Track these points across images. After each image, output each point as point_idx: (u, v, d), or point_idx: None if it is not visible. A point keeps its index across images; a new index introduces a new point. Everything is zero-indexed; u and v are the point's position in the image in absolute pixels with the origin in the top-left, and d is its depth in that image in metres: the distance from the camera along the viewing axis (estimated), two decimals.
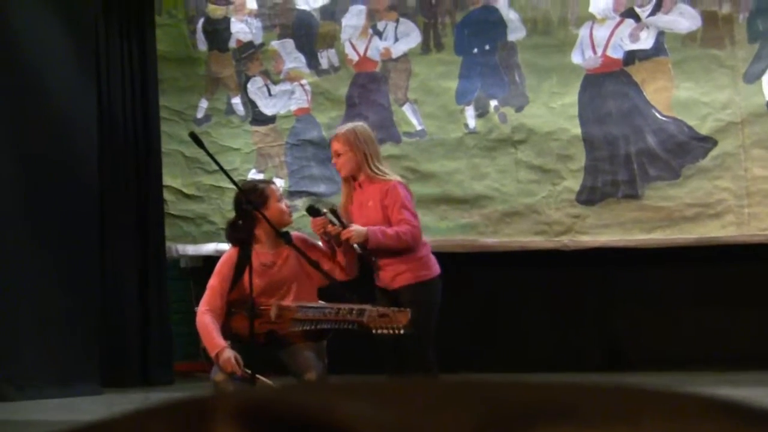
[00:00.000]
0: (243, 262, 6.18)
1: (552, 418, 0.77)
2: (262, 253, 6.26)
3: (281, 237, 6.21)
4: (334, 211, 6.32)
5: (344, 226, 6.21)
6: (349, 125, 6.56)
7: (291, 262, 6.30)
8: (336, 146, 6.40)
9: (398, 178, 6.48)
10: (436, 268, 6.38)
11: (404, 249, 6.23)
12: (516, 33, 9.54)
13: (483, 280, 9.80)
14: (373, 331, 5.99)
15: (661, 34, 9.18)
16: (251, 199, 6.18)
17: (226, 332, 6.16)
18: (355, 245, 6.27)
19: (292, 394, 0.86)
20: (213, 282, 6.30)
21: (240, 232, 6.31)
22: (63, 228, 8.99)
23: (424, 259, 6.34)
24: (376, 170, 6.31)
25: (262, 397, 0.85)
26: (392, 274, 6.28)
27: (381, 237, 6.16)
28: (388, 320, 5.93)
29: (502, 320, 9.79)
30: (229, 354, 5.98)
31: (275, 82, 10.17)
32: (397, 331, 5.95)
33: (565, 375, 9.19)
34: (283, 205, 6.38)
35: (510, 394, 0.82)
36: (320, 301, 6.31)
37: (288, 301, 6.21)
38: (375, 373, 9.39)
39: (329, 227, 6.25)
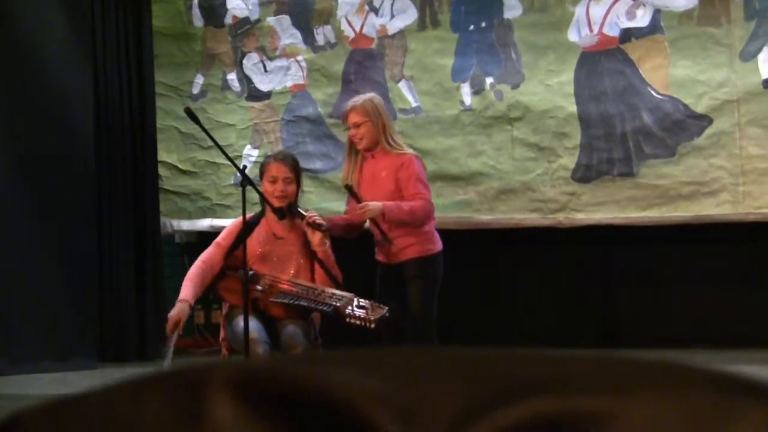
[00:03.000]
0: (252, 228, 6.21)
1: (543, 389, 0.78)
2: (274, 224, 6.27)
3: (275, 212, 6.20)
4: (349, 188, 6.30)
5: (359, 201, 6.22)
6: (365, 96, 6.53)
7: (300, 243, 6.30)
8: (354, 117, 6.33)
9: (412, 152, 6.49)
10: (439, 244, 6.41)
11: (416, 223, 6.26)
12: (512, 10, 9.52)
13: (478, 257, 9.80)
14: (347, 319, 5.99)
15: (657, 12, 9.16)
16: (245, 177, 6.15)
17: (215, 293, 6.20)
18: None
19: (287, 365, 0.87)
20: (218, 239, 6.34)
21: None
22: (59, 203, 8.99)
23: (429, 233, 6.36)
24: (393, 142, 6.32)
25: (257, 367, 0.86)
26: (399, 247, 6.27)
27: (396, 211, 6.17)
28: (364, 312, 5.94)
29: (497, 298, 9.80)
30: (182, 307, 6.02)
31: (271, 59, 10.16)
32: (368, 324, 5.95)
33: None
34: (275, 187, 6.26)
35: (503, 366, 0.83)
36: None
37: (284, 277, 6.22)
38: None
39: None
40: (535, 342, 9.57)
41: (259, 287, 6.12)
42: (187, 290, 6.12)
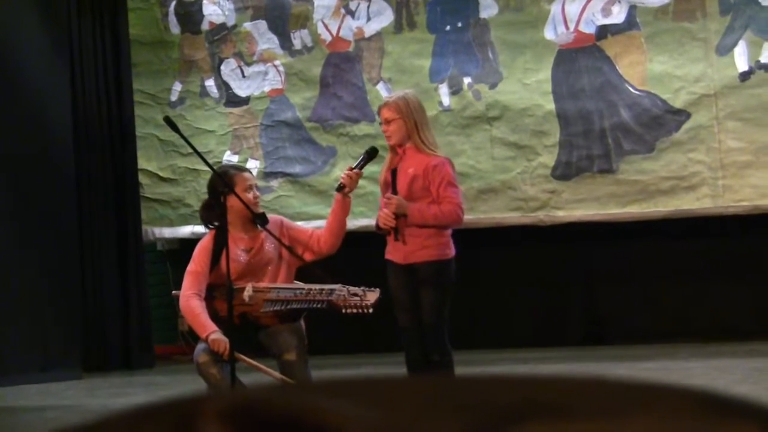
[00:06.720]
0: (220, 246, 6.16)
1: (540, 415, 0.78)
2: (238, 238, 6.24)
3: (257, 218, 6.19)
4: (394, 172, 6.18)
5: (395, 190, 6.14)
6: (399, 93, 6.47)
7: (267, 246, 6.28)
8: (386, 113, 6.26)
9: (444, 155, 6.43)
10: (453, 249, 6.35)
11: (441, 227, 6.21)
12: (488, 10, 9.54)
13: (459, 257, 9.80)
14: (342, 311, 6.00)
15: (632, 8, 9.19)
16: (223, 184, 6.14)
17: (211, 316, 6.17)
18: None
19: (281, 394, 0.87)
20: (192, 267, 6.28)
21: (211, 215, 6.30)
22: (40, 213, 8.97)
23: (447, 237, 6.31)
24: (425, 140, 6.25)
25: (251, 398, 0.86)
26: (416, 248, 6.17)
27: (418, 216, 6.11)
28: (358, 300, 5.95)
29: (480, 297, 9.80)
30: (220, 335, 5.97)
31: (249, 64, 10.16)
32: (366, 311, 5.96)
33: (545, 350, 9.23)
34: (251, 195, 6.28)
35: (498, 392, 0.83)
36: (295, 281, 6.31)
37: (264, 284, 6.21)
38: (355, 352, 9.38)
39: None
40: (519, 340, 9.59)
41: (246, 299, 6.11)
42: (208, 322, 6.09)
